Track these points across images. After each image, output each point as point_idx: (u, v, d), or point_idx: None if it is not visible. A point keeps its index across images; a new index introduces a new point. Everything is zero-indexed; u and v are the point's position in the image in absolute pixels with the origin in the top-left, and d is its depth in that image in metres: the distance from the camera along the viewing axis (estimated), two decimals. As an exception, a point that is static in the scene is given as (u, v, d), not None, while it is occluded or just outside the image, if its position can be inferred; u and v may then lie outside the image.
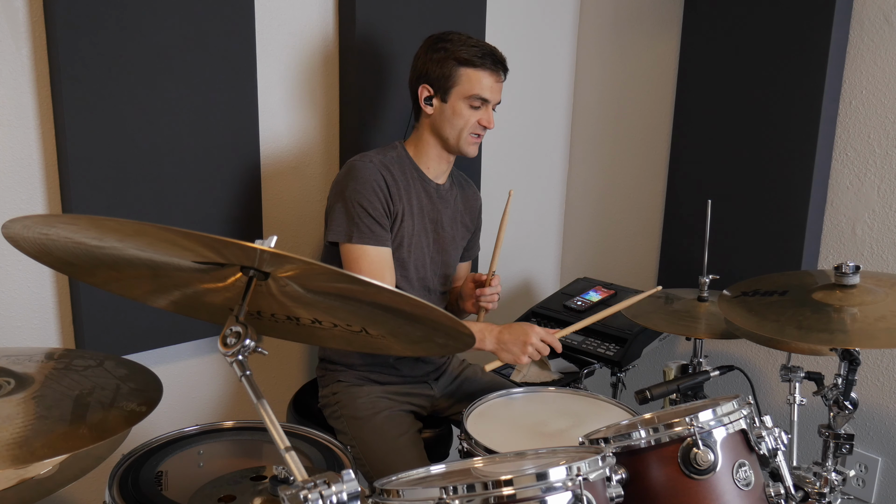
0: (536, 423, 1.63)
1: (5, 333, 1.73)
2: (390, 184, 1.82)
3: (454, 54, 1.80)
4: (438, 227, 1.95)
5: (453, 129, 1.84)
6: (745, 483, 1.22)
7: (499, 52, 1.84)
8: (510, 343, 1.78)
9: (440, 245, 1.96)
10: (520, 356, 1.78)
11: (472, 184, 2.10)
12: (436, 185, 1.94)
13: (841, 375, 1.58)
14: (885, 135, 2.15)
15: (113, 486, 1.26)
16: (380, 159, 1.84)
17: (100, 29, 1.67)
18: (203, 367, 2.08)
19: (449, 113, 1.83)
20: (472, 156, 1.90)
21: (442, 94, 1.83)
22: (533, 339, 1.77)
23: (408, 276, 1.89)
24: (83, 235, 1.00)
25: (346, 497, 0.93)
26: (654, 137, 2.66)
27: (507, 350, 1.79)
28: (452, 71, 1.80)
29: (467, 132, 1.84)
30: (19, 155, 1.68)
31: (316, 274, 1.03)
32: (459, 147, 1.87)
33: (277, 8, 2.01)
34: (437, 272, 1.97)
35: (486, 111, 1.85)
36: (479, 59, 1.80)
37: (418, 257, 1.90)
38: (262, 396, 1.01)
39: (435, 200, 1.94)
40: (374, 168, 1.80)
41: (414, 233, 1.88)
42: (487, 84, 1.82)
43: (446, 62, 1.81)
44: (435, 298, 1.99)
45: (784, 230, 2.28)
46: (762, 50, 2.27)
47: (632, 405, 1.73)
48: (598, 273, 2.79)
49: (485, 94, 1.82)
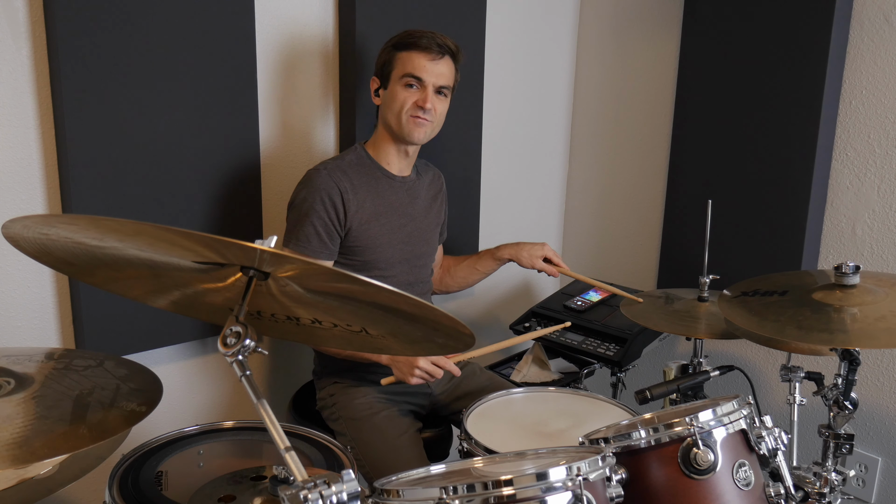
0: (536, 423, 1.63)
1: (5, 333, 1.73)
2: (346, 190, 1.81)
3: (392, 41, 1.83)
4: (413, 221, 1.95)
5: (392, 112, 1.84)
6: (745, 483, 1.22)
7: (441, 37, 1.82)
8: (401, 363, 1.75)
9: (417, 237, 1.97)
10: (407, 376, 1.74)
11: (431, 167, 2.10)
12: (402, 179, 1.94)
13: (841, 375, 1.58)
14: (885, 135, 2.15)
15: (113, 486, 1.26)
16: (336, 165, 1.84)
17: (100, 29, 1.67)
18: (203, 367, 2.08)
19: (389, 98, 1.84)
20: (418, 141, 1.86)
21: (384, 82, 1.85)
22: (420, 362, 1.72)
23: (387, 273, 1.89)
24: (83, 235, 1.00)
25: (346, 497, 0.94)
26: (654, 137, 2.66)
27: (397, 367, 1.77)
28: (390, 56, 1.83)
29: (406, 114, 1.82)
30: (19, 155, 1.68)
31: (316, 274, 1.03)
32: (402, 131, 1.84)
33: (277, 8, 2.01)
34: (416, 263, 1.98)
35: (423, 91, 1.82)
36: (412, 41, 1.80)
37: (395, 253, 1.91)
38: (262, 396, 1.01)
39: (402, 195, 1.93)
40: (326, 176, 1.80)
41: (388, 230, 1.89)
42: (420, 63, 1.80)
43: (386, 50, 1.85)
44: (418, 290, 2.00)
45: (784, 230, 2.28)
46: (762, 50, 2.27)
47: (632, 405, 1.73)
48: (598, 273, 2.78)
49: (417, 72, 1.80)
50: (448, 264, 2.23)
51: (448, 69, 1.84)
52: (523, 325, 2.37)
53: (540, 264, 2.10)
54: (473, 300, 2.72)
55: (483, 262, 2.18)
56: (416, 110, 1.82)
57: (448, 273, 2.22)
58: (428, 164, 2.10)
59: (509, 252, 2.13)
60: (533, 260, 2.10)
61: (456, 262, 2.22)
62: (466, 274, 2.20)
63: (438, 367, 1.74)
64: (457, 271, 2.21)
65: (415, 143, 1.88)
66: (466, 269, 2.20)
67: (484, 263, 2.18)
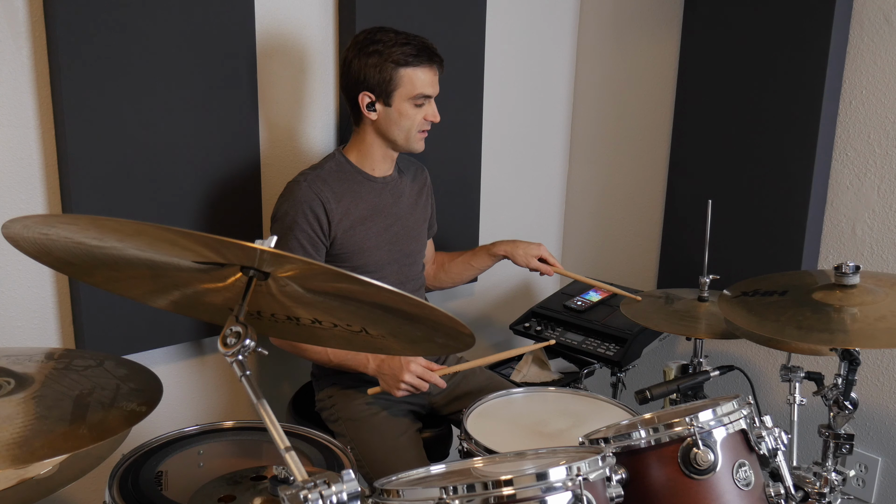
0: (536, 423, 1.63)
1: (5, 333, 1.73)
2: (328, 200, 1.80)
3: (390, 57, 1.76)
4: (399, 220, 1.95)
5: (401, 130, 1.83)
6: (745, 483, 1.22)
7: (430, 44, 1.81)
8: (387, 375, 1.76)
9: (405, 235, 1.96)
10: (393, 389, 1.75)
11: (413, 161, 2.08)
12: (383, 180, 1.93)
13: (841, 375, 1.58)
14: (885, 135, 2.15)
15: (113, 486, 1.26)
16: (316, 175, 1.83)
17: (100, 29, 1.67)
18: (203, 367, 2.08)
19: (395, 116, 1.81)
20: (420, 151, 1.89)
21: (384, 99, 1.80)
22: (405, 376, 1.72)
23: (378, 275, 1.88)
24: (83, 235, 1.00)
25: (346, 497, 0.93)
26: (654, 137, 2.66)
27: (383, 380, 1.77)
28: (392, 74, 1.77)
29: (415, 130, 1.83)
30: (19, 155, 1.68)
31: (316, 274, 1.03)
32: (409, 145, 1.86)
33: (277, 8, 2.01)
34: (406, 262, 1.97)
35: (430, 106, 1.83)
36: (414, 58, 1.77)
37: (384, 255, 1.91)
38: (261, 396, 1.01)
39: (386, 196, 1.93)
40: (306, 188, 1.80)
41: (375, 233, 1.89)
42: (428, 80, 1.80)
43: (384, 66, 1.76)
44: (410, 288, 2.00)
45: (784, 230, 2.28)
46: (762, 50, 2.27)
47: (632, 405, 1.73)
48: (598, 273, 2.78)
49: (427, 90, 1.80)
50: (442, 260, 2.23)
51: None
52: (523, 326, 2.37)
53: (535, 263, 2.10)
54: (473, 300, 2.72)
55: (478, 258, 2.17)
56: (425, 124, 1.84)
57: (442, 269, 2.22)
58: (409, 159, 2.07)
59: (504, 248, 2.12)
60: (528, 258, 2.10)
61: (450, 257, 2.22)
62: (461, 270, 2.20)
63: (424, 381, 1.74)
64: (451, 267, 2.21)
65: (417, 152, 1.90)
66: (461, 265, 2.19)
67: (479, 259, 2.17)
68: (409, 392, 1.75)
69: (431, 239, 2.19)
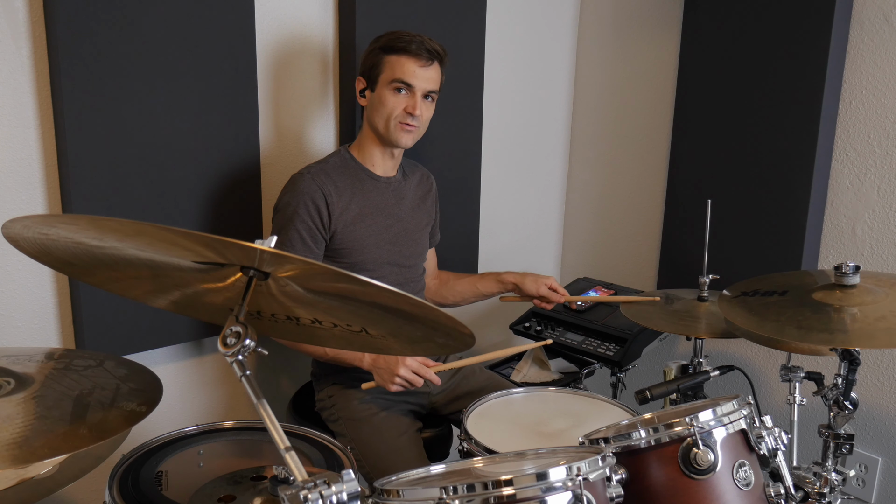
0: (536, 423, 1.63)
1: (5, 333, 1.73)
2: (330, 193, 1.81)
3: (380, 43, 1.81)
4: (400, 221, 1.95)
5: (381, 117, 1.83)
6: (745, 483, 1.22)
7: (430, 42, 1.81)
8: (382, 369, 1.76)
9: (405, 237, 1.96)
10: (387, 383, 1.74)
11: (419, 167, 2.09)
12: (387, 180, 1.93)
13: (841, 375, 1.58)
14: (885, 135, 2.15)
15: (113, 486, 1.26)
16: (319, 168, 1.84)
17: (100, 29, 1.67)
18: (203, 367, 2.08)
19: (376, 102, 1.83)
20: (406, 146, 1.88)
21: (371, 85, 1.84)
22: (401, 371, 1.72)
23: (375, 275, 1.88)
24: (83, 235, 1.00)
25: (346, 497, 0.94)
26: (654, 137, 2.66)
27: (378, 374, 1.77)
28: (378, 59, 1.81)
29: (394, 120, 1.82)
30: (19, 155, 1.68)
31: (316, 274, 1.03)
32: (390, 136, 1.85)
33: (277, 8, 2.01)
34: (404, 265, 1.97)
35: (412, 97, 1.82)
36: (401, 45, 1.79)
37: (382, 254, 1.90)
38: (261, 396, 1.01)
39: (388, 196, 1.93)
40: (309, 180, 1.81)
41: (374, 231, 1.88)
42: (410, 69, 1.79)
43: (373, 52, 1.83)
44: (410, 291, 1.99)
45: (784, 230, 2.28)
46: (762, 50, 2.27)
47: (632, 405, 1.73)
48: (598, 273, 2.78)
49: (406, 77, 1.79)
50: (446, 278, 2.21)
51: (436, 74, 1.85)
52: (523, 326, 2.37)
53: (545, 290, 2.08)
54: (473, 300, 2.72)
55: (485, 281, 2.15)
56: (406, 117, 1.82)
57: (445, 286, 2.20)
58: (416, 164, 2.09)
59: (514, 277, 2.11)
60: (538, 286, 2.08)
61: (456, 277, 2.20)
62: (465, 289, 2.18)
63: (418, 377, 1.74)
64: (455, 285, 2.19)
65: (401, 147, 1.89)
66: (466, 285, 2.17)
67: (485, 283, 2.15)
68: (404, 387, 1.75)
69: (434, 249, 2.19)
